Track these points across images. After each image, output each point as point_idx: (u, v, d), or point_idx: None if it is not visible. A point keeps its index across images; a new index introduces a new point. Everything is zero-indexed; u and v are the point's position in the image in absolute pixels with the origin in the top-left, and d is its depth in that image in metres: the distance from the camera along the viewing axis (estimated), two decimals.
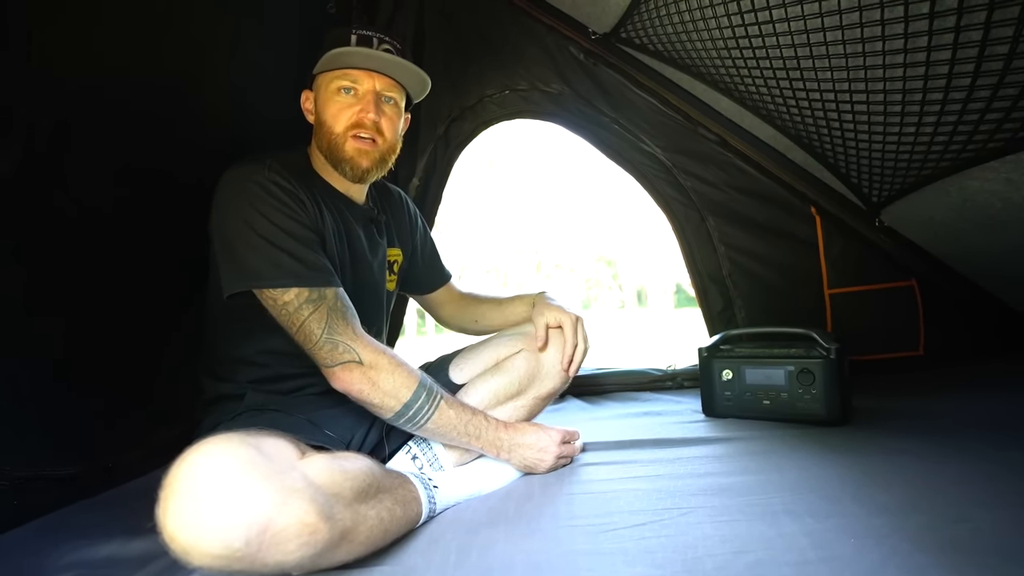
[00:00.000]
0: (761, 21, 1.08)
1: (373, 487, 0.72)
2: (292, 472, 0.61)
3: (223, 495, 0.55)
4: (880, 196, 1.46)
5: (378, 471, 0.76)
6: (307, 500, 0.59)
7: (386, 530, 0.71)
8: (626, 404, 1.60)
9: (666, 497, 0.85)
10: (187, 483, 0.55)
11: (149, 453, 1.08)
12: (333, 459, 0.71)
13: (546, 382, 1.07)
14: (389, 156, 1.00)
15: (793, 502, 0.80)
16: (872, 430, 1.18)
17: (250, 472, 0.57)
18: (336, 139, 0.94)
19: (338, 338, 0.83)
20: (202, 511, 0.54)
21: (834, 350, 1.23)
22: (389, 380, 0.83)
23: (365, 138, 0.94)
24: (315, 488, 0.61)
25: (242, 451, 0.59)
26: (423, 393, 0.85)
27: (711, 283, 1.77)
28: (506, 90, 1.74)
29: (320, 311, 0.83)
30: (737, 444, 1.13)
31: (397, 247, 1.14)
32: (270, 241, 0.83)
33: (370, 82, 0.95)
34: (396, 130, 1.00)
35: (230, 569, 0.55)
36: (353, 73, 0.95)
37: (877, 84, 1.03)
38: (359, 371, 0.83)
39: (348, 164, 0.95)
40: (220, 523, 0.54)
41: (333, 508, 0.62)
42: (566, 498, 0.88)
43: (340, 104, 0.95)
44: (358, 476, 0.70)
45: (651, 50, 1.53)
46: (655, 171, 1.75)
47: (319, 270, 0.85)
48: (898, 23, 0.87)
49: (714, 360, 1.38)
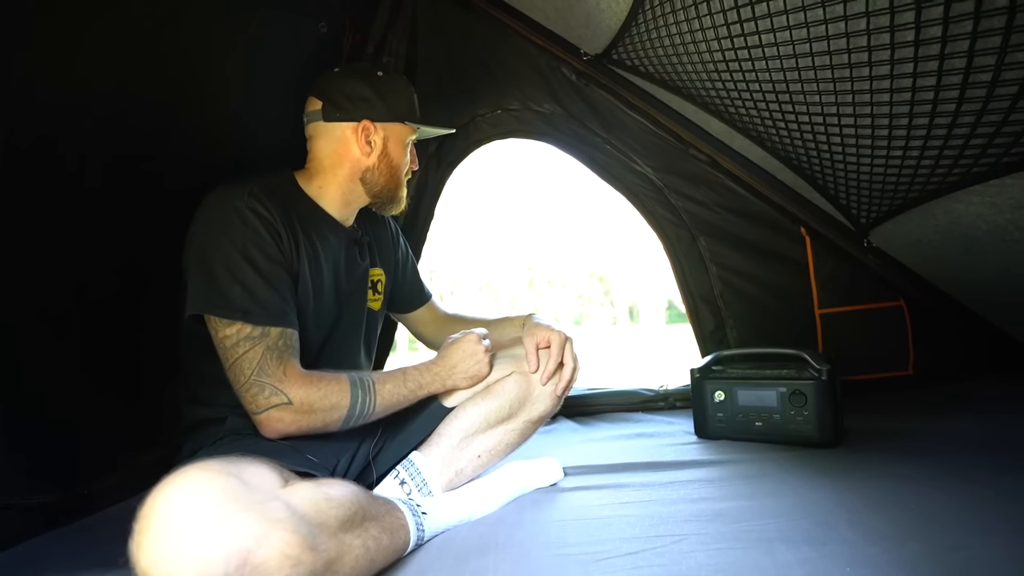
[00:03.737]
0: (751, 45, 1.10)
1: (359, 515, 0.69)
2: (274, 501, 0.59)
3: (200, 527, 0.52)
4: (868, 217, 1.48)
5: (364, 498, 0.74)
6: (289, 531, 0.56)
7: (372, 560, 0.69)
8: (618, 425, 1.58)
9: (659, 524, 0.83)
10: (163, 514, 0.53)
11: (128, 479, 1.04)
12: (317, 486, 0.69)
13: (537, 405, 1.05)
14: None
15: (788, 528, 0.79)
16: (864, 452, 1.17)
17: (229, 503, 0.54)
18: (399, 181, 1.07)
19: (266, 380, 0.81)
20: (178, 544, 0.51)
21: (826, 371, 1.23)
22: (324, 402, 0.84)
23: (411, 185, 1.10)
24: (298, 518, 0.59)
25: (221, 480, 0.56)
26: (357, 392, 0.87)
27: (703, 303, 1.77)
28: (498, 109, 1.75)
29: (255, 350, 0.82)
30: (730, 467, 1.12)
31: (380, 267, 1.16)
32: (230, 272, 0.84)
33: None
34: None
35: None
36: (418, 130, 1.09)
37: (864, 108, 1.05)
38: (289, 413, 0.82)
39: (400, 203, 1.10)
40: (197, 556, 0.51)
41: (317, 538, 0.59)
42: (557, 525, 0.86)
43: (410, 155, 1.09)
44: (343, 504, 0.68)
45: (642, 71, 1.55)
46: (647, 191, 1.76)
47: (268, 308, 0.84)
48: (884, 50, 0.89)
49: (706, 381, 1.37)
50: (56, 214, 0.91)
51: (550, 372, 1.05)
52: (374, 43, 1.69)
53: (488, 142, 1.78)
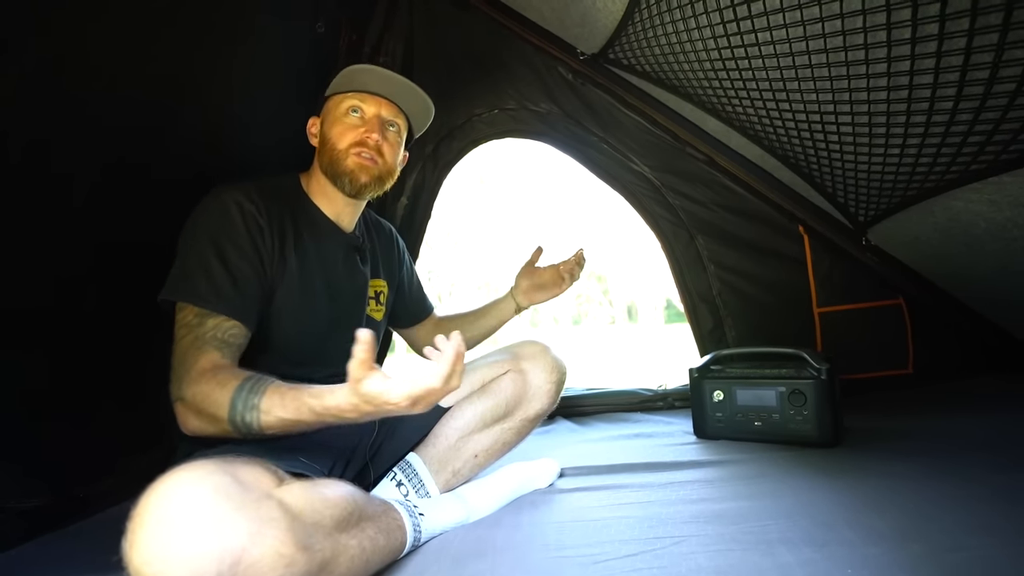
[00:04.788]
0: (747, 43, 1.10)
1: (355, 515, 0.69)
2: (268, 501, 0.58)
3: (194, 525, 0.52)
4: (867, 216, 1.48)
5: (360, 498, 0.73)
6: (283, 530, 0.56)
7: (368, 560, 0.69)
8: (616, 425, 1.58)
9: (658, 525, 0.83)
10: (156, 513, 0.52)
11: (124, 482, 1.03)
12: (313, 486, 0.68)
13: (534, 403, 1.05)
14: (387, 178, 1.02)
15: (788, 529, 0.78)
16: (864, 452, 1.17)
17: (223, 501, 0.54)
18: (338, 154, 0.98)
19: (181, 371, 0.77)
20: (171, 542, 0.51)
21: (825, 371, 1.23)
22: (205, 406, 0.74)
23: (366, 156, 0.98)
24: (292, 517, 0.58)
25: (215, 479, 0.56)
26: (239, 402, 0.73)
27: (701, 302, 1.77)
28: (494, 109, 1.75)
29: (187, 338, 0.79)
30: (729, 467, 1.11)
31: (382, 279, 1.15)
32: (198, 259, 0.84)
33: (376, 107, 1.00)
34: (396, 156, 1.03)
35: None
36: (362, 96, 1.00)
37: (862, 107, 1.05)
38: (182, 409, 0.77)
39: (348, 177, 0.97)
40: (190, 555, 0.50)
41: (312, 538, 0.59)
42: (556, 527, 0.85)
43: (346, 124, 0.99)
44: (339, 504, 0.67)
45: (639, 71, 1.54)
46: (644, 190, 1.76)
47: (219, 296, 0.82)
48: (881, 47, 0.88)
49: (705, 381, 1.37)
50: (51, 215, 0.91)
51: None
52: (370, 43, 1.69)
53: (485, 142, 1.78)
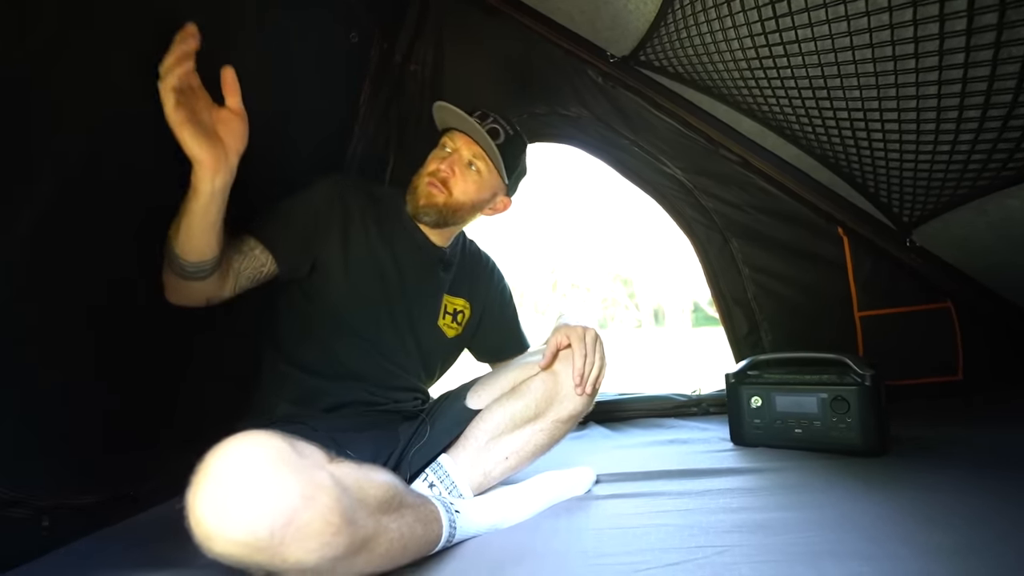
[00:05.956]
0: (786, 41, 1.07)
1: (396, 500, 0.71)
2: (321, 471, 0.60)
3: (252, 483, 0.54)
4: (912, 216, 1.42)
5: (401, 487, 0.75)
6: (333, 499, 0.58)
7: (405, 546, 0.70)
8: (650, 431, 1.55)
9: (699, 534, 0.81)
10: (219, 470, 0.55)
11: (169, 481, 1.07)
12: (360, 467, 0.70)
13: (565, 404, 1.03)
14: (450, 210, 1.12)
15: (835, 542, 0.75)
16: (912, 461, 1.12)
17: (281, 465, 0.56)
18: (419, 177, 1.13)
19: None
20: (232, 497, 0.53)
21: (869, 376, 1.19)
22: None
23: (434, 184, 1.10)
24: (341, 489, 0.60)
25: (275, 444, 0.58)
26: None
27: (735, 306, 1.73)
28: (524, 114, 1.75)
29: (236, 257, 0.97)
30: (770, 476, 1.08)
31: (464, 299, 1.23)
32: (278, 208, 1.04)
33: (458, 144, 1.13)
34: (469, 194, 1.13)
35: (249, 560, 0.54)
36: (454, 134, 1.14)
37: (909, 103, 1.01)
38: None
39: (412, 195, 1.12)
40: (247, 510, 0.53)
41: (356, 513, 0.61)
42: (594, 534, 0.84)
43: (434, 155, 1.14)
44: (382, 486, 0.70)
45: (671, 72, 1.52)
46: (676, 193, 1.73)
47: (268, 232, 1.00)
48: (932, 40, 0.85)
49: (742, 386, 1.34)
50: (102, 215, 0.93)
51: (579, 369, 1.00)
52: (401, 52, 1.71)
53: None
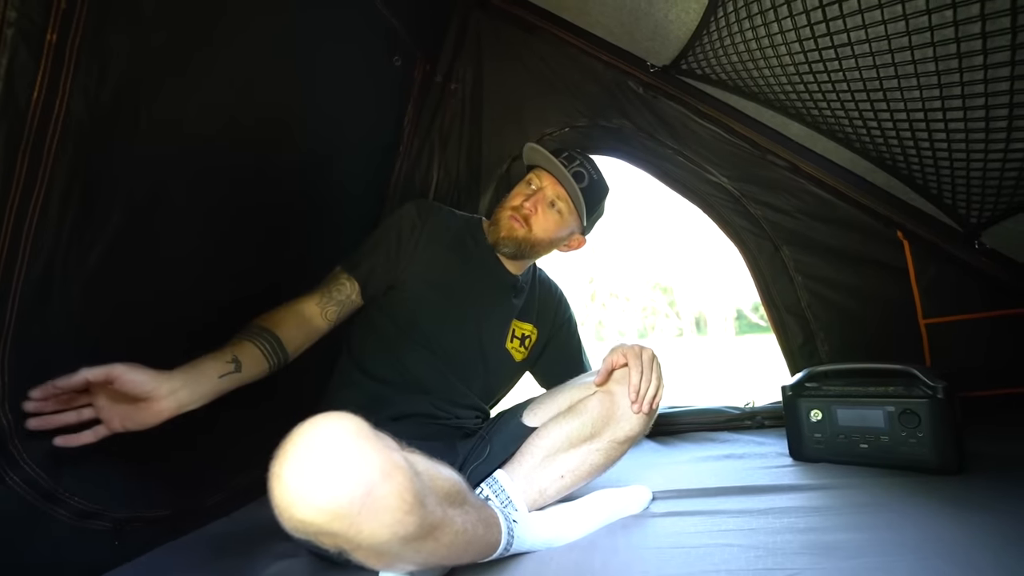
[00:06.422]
0: (838, 44, 1.04)
1: (461, 495, 0.73)
2: (397, 452, 0.63)
3: (336, 454, 0.56)
4: (980, 217, 1.34)
5: (465, 486, 0.76)
6: (408, 478, 0.59)
7: (468, 542, 0.71)
8: (703, 446, 1.51)
9: (766, 556, 0.78)
10: (307, 440, 0.57)
11: (231, 496, 1.12)
12: (429, 458, 0.72)
13: (623, 424, 1.02)
14: (528, 245, 1.19)
15: (918, 568, 0.71)
16: (993, 480, 1.05)
17: (363, 440, 0.58)
18: (502, 210, 1.21)
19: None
20: (318, 464, 0.55)
21: (941, 388, 1.12)
22: None
23: (516, 218, 1.18)
24: (415, 472, 0.62)
25: (357, 422, 0.60)
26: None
27: (789, 316, 1.67)
28: (565, 127, 1.75)
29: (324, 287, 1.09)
30: (836, 494, 1.03)
31: (532, 324, 1.29)
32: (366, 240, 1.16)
33: (547, 186, 1.20)
34: (548, 232, 1.20)
35: (326, 528, 0.55)
36: (541, 172, 1.22)
37: (977, 100, 0.96)
38: None
39: (494, 226, 1.20)
40: (332, 477, 0.55)
41: (427, 497, 0.63)
42: (655, 553, 0.82)
43: (519, 191, 1.23)
44: (449, 479, 0.72)
45: (714, 79, 1.50)
46: (723, 201, 1.69)
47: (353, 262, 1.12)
48: (1003, 35, 0.81)
49: (800, 399, 1.28)
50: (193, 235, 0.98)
51: (635, 385, 1.00)
52: (442, 71, 1.75)
53: None
